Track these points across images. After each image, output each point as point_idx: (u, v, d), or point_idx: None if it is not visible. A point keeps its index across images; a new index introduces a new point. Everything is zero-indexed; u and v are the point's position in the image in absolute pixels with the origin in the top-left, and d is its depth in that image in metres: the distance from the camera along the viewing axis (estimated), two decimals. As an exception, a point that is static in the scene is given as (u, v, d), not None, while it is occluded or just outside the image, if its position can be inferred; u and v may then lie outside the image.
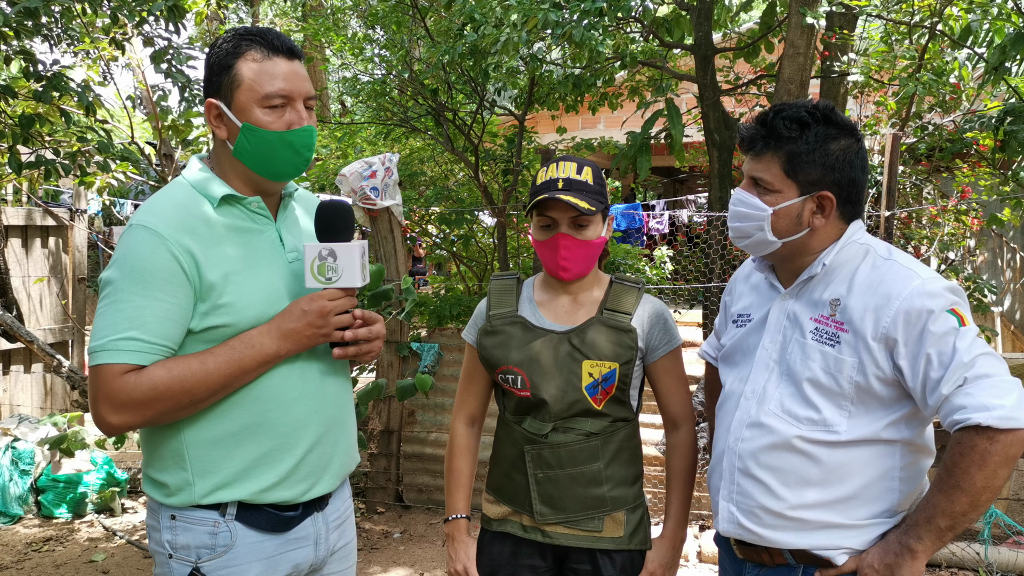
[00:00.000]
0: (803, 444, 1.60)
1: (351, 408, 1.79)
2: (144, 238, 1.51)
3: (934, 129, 6.30)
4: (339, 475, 1.73)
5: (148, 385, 1.47)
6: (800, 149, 1.61)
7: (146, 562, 4.30)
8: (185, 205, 1.58)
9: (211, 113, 1.62)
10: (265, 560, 1.61)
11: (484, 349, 1.96)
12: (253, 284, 1.58)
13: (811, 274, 1.66)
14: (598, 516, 1.89)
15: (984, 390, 1.45)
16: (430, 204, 6.94)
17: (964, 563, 4.03)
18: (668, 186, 14.06)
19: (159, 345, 1.50)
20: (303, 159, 1.63)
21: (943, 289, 1.54)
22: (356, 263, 1.59)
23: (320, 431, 1.66)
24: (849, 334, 1.57)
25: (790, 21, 5.28)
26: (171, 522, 1.58)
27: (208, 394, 1.52)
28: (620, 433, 1.92)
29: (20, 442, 5.03)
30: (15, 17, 3.89)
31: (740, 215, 1.69)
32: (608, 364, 1.88)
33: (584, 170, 1.88)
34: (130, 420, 1.49)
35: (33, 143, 4.75)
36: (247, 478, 1.57)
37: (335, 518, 1.76)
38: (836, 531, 1.59)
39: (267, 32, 1.61)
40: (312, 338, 1.58)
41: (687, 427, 2.00)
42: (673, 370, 1.97)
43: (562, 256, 1.87)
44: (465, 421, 2.08)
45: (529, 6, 4.94)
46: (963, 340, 1.49)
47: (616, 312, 1.92)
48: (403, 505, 5.16)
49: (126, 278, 1.49)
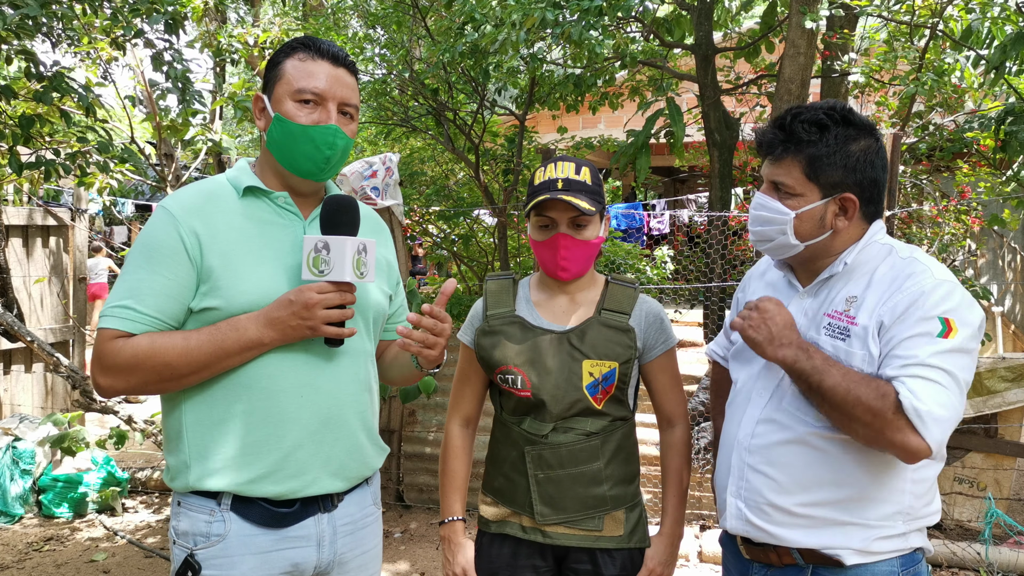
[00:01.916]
0: (814, 440, 1.59)
1: (361, 409, 1.73)
2: (159, 217, 1.61)
3: (934, 129, 6.30)
4: (345, 476, 1.69)
5: (130, 352, 1.53)
6: (820, 152, 1.60)
7: (147, 562, 4.30)
8: (209, 192, 1.65)
9: (256, 106, 1.70)
10: (260, 555, 1.60)
11: (482, 349, 1.95)
12: (253, 273, 1.59)
13: (832, 273, 1.65)
14: (598, 515, 1.89)
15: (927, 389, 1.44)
16: (430, 203, 6.95)
17: (965, 563, 4.03)
18: (668, 186, 14.06)
19: (150, 317, 1.55)
20: (323, 156, 1.64)
21: (949, 293, 1.52)
22: (347, 258, 1.56)
23: (312, 427, 1.63)
24: (859, 327, 1.57)
25: (791, 21, 5.28)
26: (177, 508, 1.63)
27: (189, 370, 1.55)
28: (619, 432, 1.93)
29: (21, 442, 5.03)
30: (16, 21, 3.89)
31: (762, 219, 1.67)
32: (608, 364, 1.88)
33: (582, 170, 1.88)
34: (115, 384, 1.56)
35: (34, 144, 4.75)
36: (235, 467, 1.58)
37: (345, 523, 1.72)
38: (845, 529, 1.59)
39: (320, 40, 1.69)
40: (297, 329, 1.57)
41: (681, 426, 2.01)
42: (668, 369, 1.98)
43: (561, 256, 1.87)
44: (460, 422, 2.06)
45: (528, 5, 4.94)
46: (935, 347, 1.47)
47: (615, 312, 1.92)
48: (404, 505, 5.17)
49: (136, 252, 1.60)
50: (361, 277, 1.60)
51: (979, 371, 4.39)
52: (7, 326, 5.06)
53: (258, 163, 1.73)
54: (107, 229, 11.96)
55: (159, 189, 6.54)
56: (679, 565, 4.15)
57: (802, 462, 1.60)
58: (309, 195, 1.72)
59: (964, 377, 1.49)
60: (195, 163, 6.14)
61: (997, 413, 4.50)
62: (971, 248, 7.27)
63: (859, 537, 1.58)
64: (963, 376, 1.48)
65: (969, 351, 1.51)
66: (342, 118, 1.66)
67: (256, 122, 1.72)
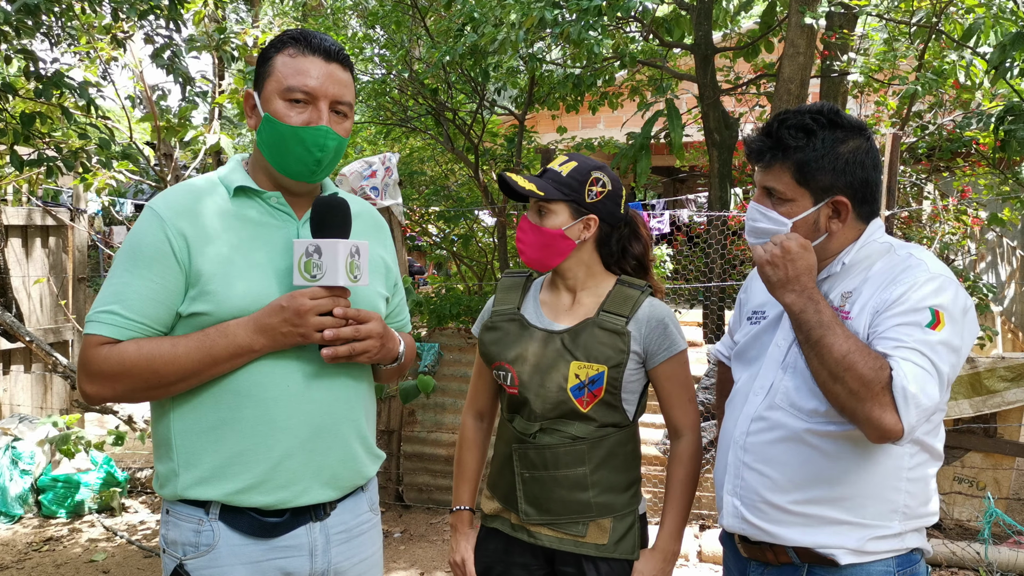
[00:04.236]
0: (810, 437, 1.59)
1: (355, 417, 1.67)
2: (145, 218, 1.55)
3: (934, 129, 6.30)
4: (337, 486, 1.65)
5: (117, 359, 1.49)
6: (808, 157, 1.59)
7: (146, 562, 4.30)
8: (198, 192, 1.59)
9: (247, 103, 1.64)
10: (250, 565, 1.57)
11: (483, 344, 1.98)
12: (244, 277, 1.54)
13: (830, 273, 1.65)
14: (582, 521, 1.85)
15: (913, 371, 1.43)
16: (430, 203, 6.95)
17: (964, 562, 4.02)
18: (668, 186, 14.05)
19: (136, 322, 1.51)
20: (314, 159, 1.57)
21: (942, 287, 1.52)
22: (340, 261, 1.50)
23: (302, 436, 1.57)
24: (852, 321, 1.57)
25: (790, 21, 5.28)
26: (166, 516, 1.59)
27: (177, 378, 1.50)
28: (611, 439, 1.87)
29: (20, 442, 5.03)
30: (15, 15, 3.88)
31: (758, 231, 1.66)
32: (596, 367, 1.83)
33: (567, 164, 1.90)
34: (102, 391, 1.52)
35: (34, 142, 4.75)
36: (223, 476, 1.54)
37: (339, 531, 1.67)
38: (841, 528, 1.59)
39: (312, 33, 1.60)
40: (288, 336, 1.51)
41: (689, 436, 1.93)
42: (674, 376, 1.90)
43: (518, 238, 1.93)
44: (474, 415, 2.09)
45: (527, 5, 4.94)
46: (922, 336, 1.47)
47: (612, 314, 1.88)
48: (403, 505, 5.16)
49: (123, 255, 1.55)
50: (355, 280, 1.53)
51: (978, 371, 4.39)
52: (6, 326, 5.05)
53: (250, 161, 1.67)
54: (107, 229, 11.94)
55: (159, 189, 6.53)
56: (679, 565, 4.15)
57: (797, 459, 1.60)
58: (303, 195, 1.66)
59: (948, 372, 1.48)
60: (194, 163, 6.13)
61: (996, 413, 4.50)
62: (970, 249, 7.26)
63: (854, 536, 1.58)
64: (947, 371, 1.47)
65: (956, 348, 1.50)
66: (335, 117, 1.59)
67: (247, 120, 1.65)
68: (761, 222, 1.65)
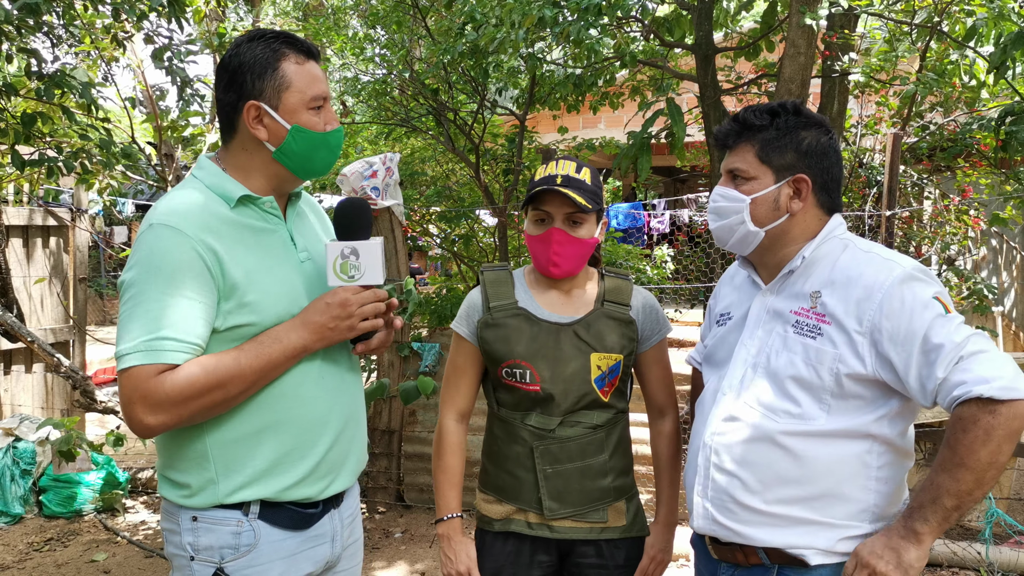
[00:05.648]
0: (780, 437, 1.60)
1: (364, 405, 1.81)
2: (168, 236, 1.49)
3: (935, 128, 6.30)
4: (355, 472, 1.75)
5: (185, 383, 1.45)
6: (771, 135, 1.66)
7: (147, 562, 4.30)
8: (204, 205, 1.56)
9: (250, 115, 1.58)
10: (287, 558, 1.61)
11: (486, 343, 1.92)
12: (274, 283, 1.59)
13: (791, 268, 1.67)
14: (603, 507, 1.91)
15: (981, 364, 1.45)
16: (431, 204, 6.95)
17: (965, 563, 4.02)
18: (669, 186, 14.06)
19: (191, 344, 1.47)
20: (335, 157, 1.67)
21: (924, 276, 1.55)
22: (378, 261, 1.61)
23: (339, 428, 1.67)
24: (831, 326, 1.58)
25: (791, 21, 5.27)
26: (192, 524, 1.57)
27: (240, 391, 1.52)
28: (620, 424, 1.97)
29: (22, 442, 5.03)
30: (17, 14, 3.88)
31: (720, 210, 1.71)
32: (614, 356, 1.90)
33: (583, 170, 1.89)
34: (167, 420, 1.47)
35: (35, 142, 4.75)
36: (270, 476, 1.57)
37: (348, 514, 1.78)
38: (811, 528, 1.59)
39: (290, 35, 1.63)
40: (336, 331, 1.59)
41: (672, 415, 2.04)
42: (661, 359, 2.02)
43: (554, 251, 1.87)
44: (454, 417, 2.02)
45: (527, 4, 4.94)
46: (950, 324, 1.50)
47: (617, 304, 1.94)
48: (404, 505, 5.17)
49: (152, 277, 1.47)
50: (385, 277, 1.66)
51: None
52: (7, 326, 5.05)
53: (232, 166, 1.63)
54: (107, 229, 11.95)
55: (159, 189, 6.54)
56: (678, 565, 4.15)
57: (766, 460, 1.60)
58: (284, 195, 1.72)
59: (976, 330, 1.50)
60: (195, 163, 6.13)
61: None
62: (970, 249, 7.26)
63: (824, 537, 1.58)
64: (975, 329, 1.50)
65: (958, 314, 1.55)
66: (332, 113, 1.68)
67: (253, 131, 1.58)
68: (721, 202, 1.70)
